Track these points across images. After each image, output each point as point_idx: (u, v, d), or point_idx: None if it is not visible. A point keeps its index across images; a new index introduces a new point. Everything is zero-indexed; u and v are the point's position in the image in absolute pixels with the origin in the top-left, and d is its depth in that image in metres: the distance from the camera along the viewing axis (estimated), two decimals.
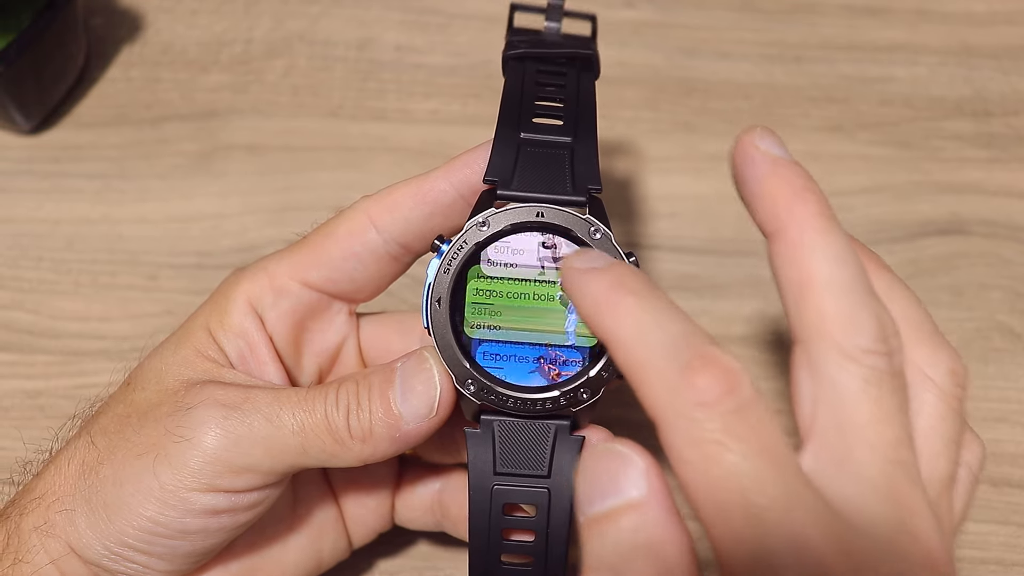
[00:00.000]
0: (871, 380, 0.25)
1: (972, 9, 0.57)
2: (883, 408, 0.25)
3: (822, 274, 0.25)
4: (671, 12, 0.57)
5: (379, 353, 0.36)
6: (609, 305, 0.25)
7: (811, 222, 0.26)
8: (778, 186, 0.26)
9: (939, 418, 0.27)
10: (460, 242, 0.30)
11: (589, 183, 0.31)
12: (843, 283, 0.25)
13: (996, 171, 0.51)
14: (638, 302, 0.25)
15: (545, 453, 0.31)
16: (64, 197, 0.49)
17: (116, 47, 0.54)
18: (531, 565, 0.31)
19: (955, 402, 0.27)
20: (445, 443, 0.36)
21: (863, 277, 0.26)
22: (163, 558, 0.31)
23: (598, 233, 0.30)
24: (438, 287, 0.30)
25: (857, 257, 0.26)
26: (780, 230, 0.26)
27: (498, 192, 0.31)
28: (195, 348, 0.33)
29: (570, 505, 0.31)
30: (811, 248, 0.26)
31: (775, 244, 0.26)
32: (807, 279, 0.26)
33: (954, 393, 0.27)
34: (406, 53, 0.55)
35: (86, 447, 0.31)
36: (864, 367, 0.25)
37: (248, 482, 0.31)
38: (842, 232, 0.26)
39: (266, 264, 0.34)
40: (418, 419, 0.31)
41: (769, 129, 0.28)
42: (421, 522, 0.38)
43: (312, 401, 0.31)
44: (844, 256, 0.26)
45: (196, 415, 0.30)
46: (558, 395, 0.30)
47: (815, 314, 0.25)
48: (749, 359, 0.46)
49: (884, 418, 0.25)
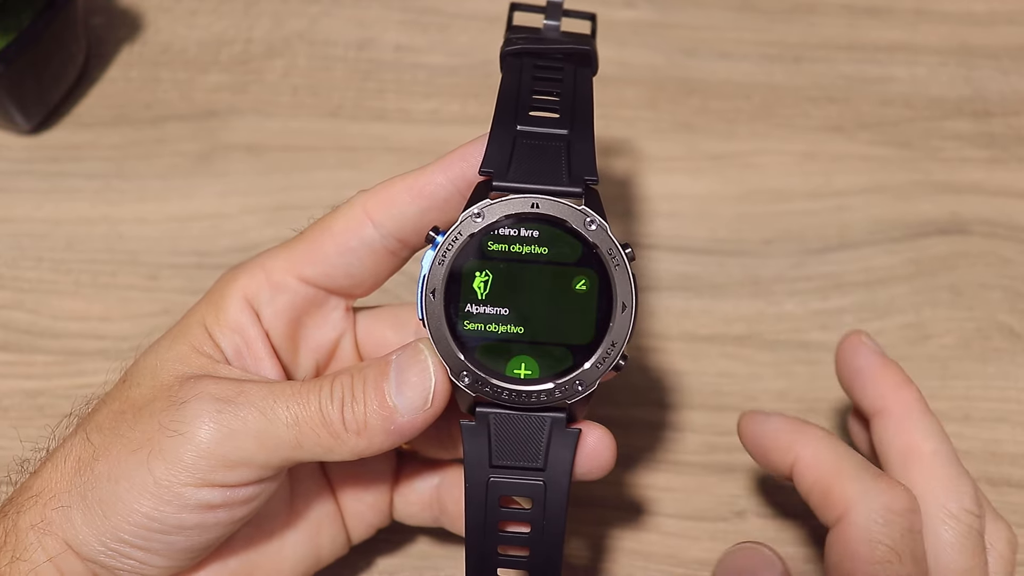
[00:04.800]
0: (968, 536, 0.32)
1: (972, 9, 0.57)
2: (973, 561, 0.32)
3: (929, 446, 0.33)
4: (671, 12, 0.57)
5: (375, 347, 0.36)
6: (800, 432, 0.35)
7: (916, 404, 0.34)
8: (886, 374, 0.35)
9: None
10: (455, 234, 0.30)
11: (585, 174, 0.31)
12: (946, 455, 0.33)
13: (996, 171, 0.51)
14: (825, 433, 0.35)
15: (541, 445, 0.30)
16: (64, 197, 0.50)
17: (116, 47, 0.55)
18: (527, 556, 0.31)
19: (1011, 567, 0.33)
20: (442, 437, 0.36)
21: (956, 453, 0.33)
22: (160, 554, 0.31)
23: (593, 224, 0.30)
24: (433, 279, 0.30)
25: (948, 437, 0.34)
26: (886, 409, 0.34)
27: (494, 183, 0.31)
28: (191, 344, 0.33)
29: (565, 497, 0.31)
30: (917, 424, 0.34)
31: (880, 420, 0.35)
32: (915, 450, 0.33)
33: (1010, 559, 0.34)
34: (406, 53, 0.55)
35: (82, 444, 0.31)
36: (963, 524, 0.32)
37: (243, 476, 0.31)
38: (935, 416, 0.34)
39: (263, 260, 0.34)
40: (413, 411, 0.30)
41: (870, 336, 0.37)
42: (419, 518, 0.38)
43: (306, 394, 0.31)
44: (943, 434, 0.34)
45: (190, 409, 0.30)
46: (553, 387, 0.30)
47: (924, 479, 0.32)
48: (749, 359, 0.46)
49: (973, 568, 0.32)
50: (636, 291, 0.30)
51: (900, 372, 0.35)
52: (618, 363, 0.30)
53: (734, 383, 0.45)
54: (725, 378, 0.45)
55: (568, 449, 0.31)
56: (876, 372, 0.35)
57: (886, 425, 0.34)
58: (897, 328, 0.47)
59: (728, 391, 0.45)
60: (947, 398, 0.45)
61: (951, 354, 0.46)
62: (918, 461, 0.33)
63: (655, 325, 0.47)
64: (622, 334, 0.30)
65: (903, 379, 0.35)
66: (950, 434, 0.34)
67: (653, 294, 0.48)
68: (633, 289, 0.30)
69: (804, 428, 0.35)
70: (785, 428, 0.35)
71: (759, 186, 0.51)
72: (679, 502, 0.42)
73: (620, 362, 0.30)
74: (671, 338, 0.46)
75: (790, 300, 0.47)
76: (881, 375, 0.35)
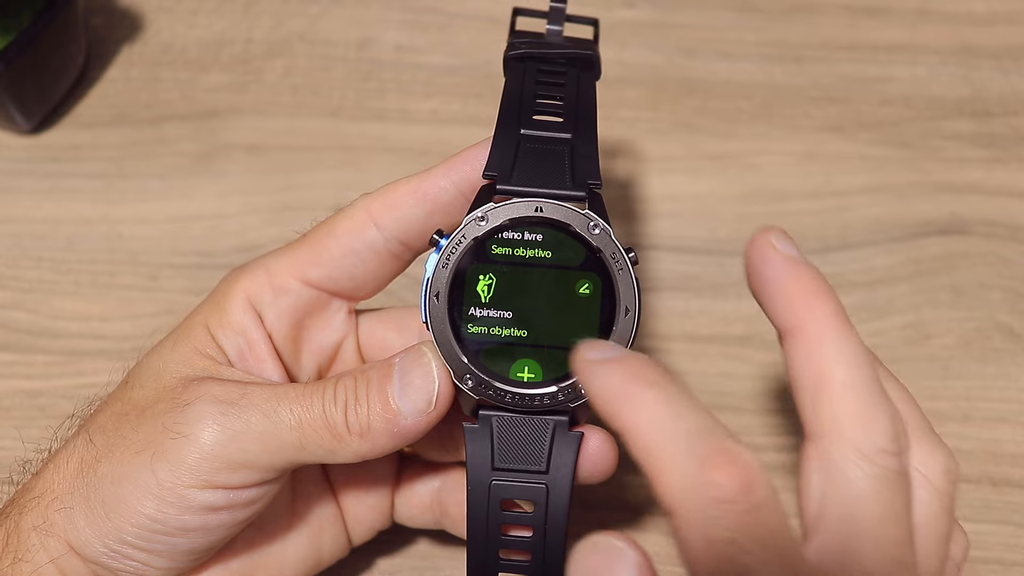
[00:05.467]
0: (883, 479, 0.26)
1: (972, 9, 0.57)
2: (891, 507, 0.26)
3: (840, 374, 0.26)
4: (671, 12, 0.57)
5: (378, 350, 0.36)
6: (626, 396, 0.25)
7: (829, 322, 0.27)
8: (796, 285, 0.27)
9: (933, 516, 0.27)
10: (459, 236, 0.30)
11: (589, 178, 0.31)
12: (860, 384, 0.26)
13: (996, 171, 0.51)
14: (655, 393, 0.25)
15: (543, 448, 0.31)
16: (64, 197, 0.49)
17: (116, 47, 0.54)
18: (529, 561, 0.31)
19: (948, 500, 0.28)
20: (444, 441, 0.36)
21: (877, 378, 0.27)
22: (163, 555, 0.31)
23: (597, 228, 0.30)
24: (436, 281, 0.30)
25: (871, 358, 0.27)
26: (797, 327, 0.27)
27: (497, 186, 0.31)
28: (193, 346, 0.33)
29: (568, 501, 0.31)
30: (829, 347, 0.26)
31: (791, 340, 0.27)
32: (825, 378, 0.26)
33: (947, 491, 0.28)
34: (406, 53, 0.55)
35: (84, 445, 0.31)
36: (877, 467, 0.26)
37: (246, 478, 0.31)
38: (856, 334, 0.27)
39: (266, 262, 0.34)
40: (416, 414, 0.30)
41: (784, 231, 0.28)
42: (421, 520, 0.38)
43: (310, 396, 0.31)
44: (861, 357, 0.27)
45: (193, 411, 0.30)
46: (556, 390, 0.30)
47: (831, 412, 0.26)
48: (749, 359, 0.46)
49: (891, 517, 0.26)
50: (639, 295, 0.30)
51: (815, 279, 0.27)
52: None
53: (734, 383, 0.45)
54: (725, 378, 0.45)
55: (571, 452, 0.31)
56: (786, 281, 0.27)
57: (797, 349, 0.27)
58: (897, 328, 0.47)
59: (728, 391, 0.45)
60: (947, 398, 0.45)
61: (951, 354, 0.46)
62: (827, 392, 0.26)
63: (656, 325, 0.47)
64: (625, 338, 0.30)
65: (817, 288, 0.27)
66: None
67: (654, 294, 0.48)
68: (636, 293, 0.30)
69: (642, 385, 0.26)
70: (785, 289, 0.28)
71: (759, 186, 0.51)
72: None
73: None
74: (671, 338, 0.46)
75: None
76: (791, 284, 0.27)
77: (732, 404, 0.45)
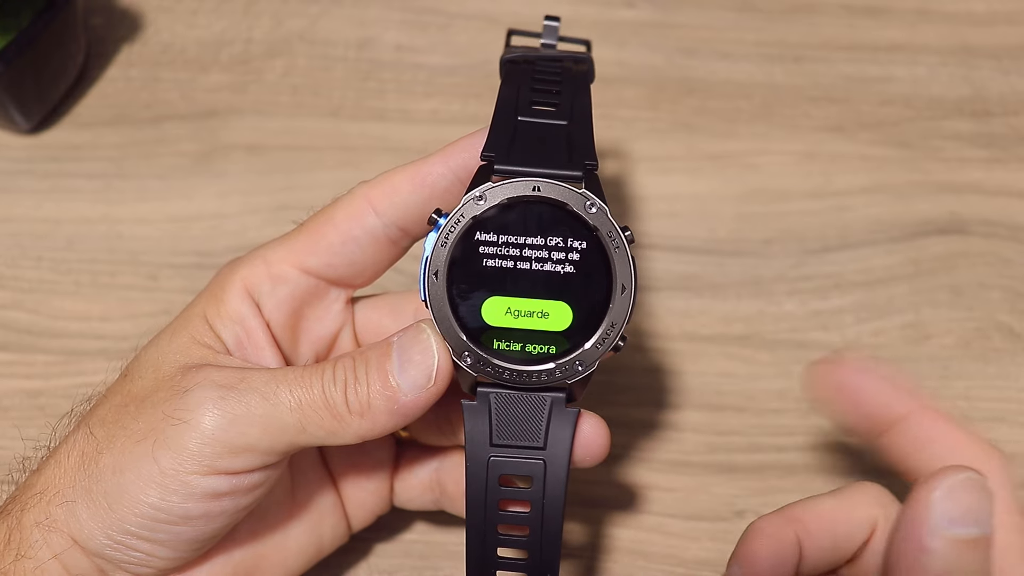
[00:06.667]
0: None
1: (972, 9, 0.57)
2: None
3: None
4: (671, 12, 0.57)
5: (373, 336, 0.37)
6: None
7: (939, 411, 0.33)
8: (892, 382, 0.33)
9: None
10: (457, 216, 0.30)
11: (585, 158, 0.31)
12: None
13: (996, 171, 0.51)
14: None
15: (541, 425, 0.31)
16: (64, 197, 0.50)
17: (116, 47, 0.55)
18: (527, 535, 0.31)
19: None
20: (441, 424, 0.36)
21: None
22: (166, 545, 0.31)
23: (594, 207, 0.30)
24: (435, 260, 0.30)
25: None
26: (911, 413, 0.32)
27: (495, 166, 0.31)
28: (191, 336, 0.33)
29: (566, 475, 0.31)
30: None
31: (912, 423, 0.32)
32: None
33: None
34: (406, 53, 0.55)
35: (85, 438, 0.31)
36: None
37: (248, 462, 0.31)
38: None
39: (263, 251, 0.34)
40: (416, 390, 0.30)
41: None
42: (419, 501, 0.38)
43: (309, 378, 0.31)
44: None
45: (193, 397, 0.30)
46: (553, 367, 0.30)
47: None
48: (749, 359, 0.46)
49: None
50: (635, 273, 0.30)
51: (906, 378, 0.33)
52: (617, 344, 0.30)
53: (734, 383, 0.45)
54: (725, 378, 0.45)
55: (568, 428, 0.31)
56: (878, 383, 0.33)
57: (919, 427, 0.32)
58: (897, 328, 0.47)
59: (728, 391, 0.45)
60: (947, 398, 0.45)
61: (951, 354, 0.46)
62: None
63: (655, 325, 0.47)
64: (622, 315, 0.30)
65: (911, 386, 0.33)
66: None
67: (653, 294, 0.48)
68: (632, 271, 0.30)
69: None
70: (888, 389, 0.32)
71: (759, 186, 0.51)
72: (679, 502, 0.42)
73: (619, 343, 0.30)
74: (671, 338, 0.46)
75: (790, 300, 0.47)
76: (886, 382, 0.33)
77: (731, 404, 0.45)
